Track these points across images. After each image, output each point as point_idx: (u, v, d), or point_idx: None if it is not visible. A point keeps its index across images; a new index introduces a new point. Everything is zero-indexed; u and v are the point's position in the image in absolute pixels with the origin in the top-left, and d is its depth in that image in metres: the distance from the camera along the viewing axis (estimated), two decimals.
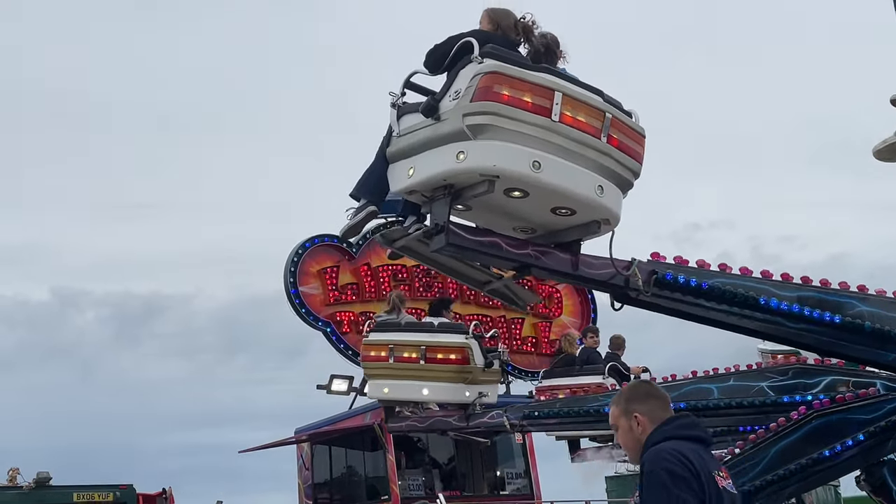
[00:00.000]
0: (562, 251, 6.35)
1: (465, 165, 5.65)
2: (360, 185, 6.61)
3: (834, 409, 6.95)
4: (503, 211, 6.14)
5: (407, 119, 6.12)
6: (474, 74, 5.70)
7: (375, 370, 11.18)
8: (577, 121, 5.81)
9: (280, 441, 19.64)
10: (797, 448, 6.95)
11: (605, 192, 6.00)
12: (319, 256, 18.30)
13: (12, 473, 20.28)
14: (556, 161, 5.74)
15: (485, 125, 5.62)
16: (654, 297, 6.57)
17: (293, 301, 17.96)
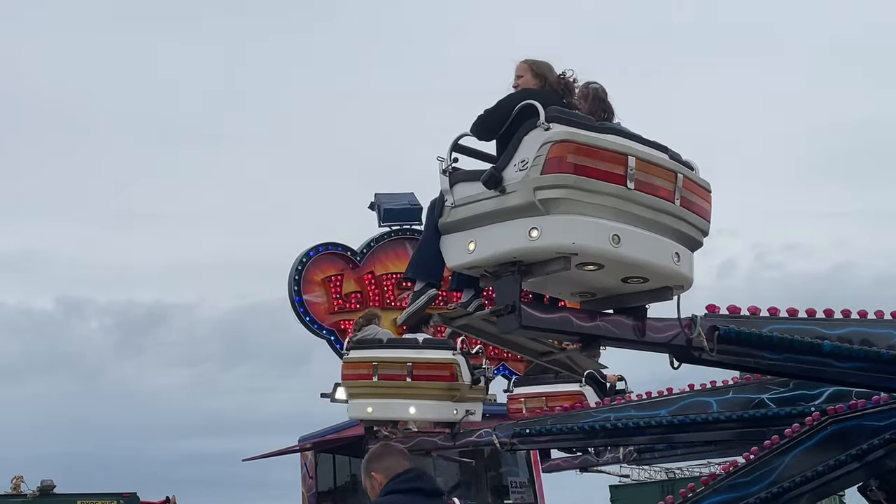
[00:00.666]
0: (627, 317, 5.91)
1: (539, 244, 5.18)
2: (416, 265, 6.09)
3: (848, 416, 6.81)
4: (566, 278, 5.56)
5: (463, 188, 5.55)
6: (543, 143, 5.19)
7: (358, 389, 10.64)
8: (651, 186, 5.40)
9: (284, 449, 19.42)
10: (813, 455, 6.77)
11: (681, 260, 5.64)
12: (323, 265, 18.15)
13: (16, 481, 20.19)
14: (633, 232, 5.33)
15: (559, 199, 5.14)
16: (718, 354, 6.09)
17: (297, 309, 17.79)
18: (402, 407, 10.40)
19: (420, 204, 19.57)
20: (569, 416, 9.97)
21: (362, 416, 10.78)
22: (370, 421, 10.88)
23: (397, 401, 10.36)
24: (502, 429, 10.29)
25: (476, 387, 10.52)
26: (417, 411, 10.44)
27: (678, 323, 5.96)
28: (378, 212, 19.32)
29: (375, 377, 10.40)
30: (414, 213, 19.43)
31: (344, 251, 18.59)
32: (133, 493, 20.39)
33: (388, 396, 10.38)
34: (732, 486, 7.02)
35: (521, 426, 10.15)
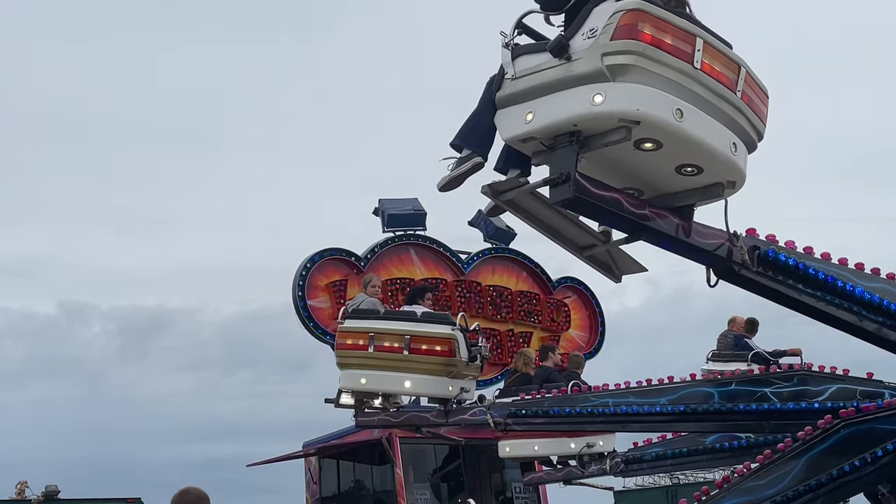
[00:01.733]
0: (674, 214, 5.77)
1: (602, 109, 5.06)
2: (464, 133, 5.87)
3: (860, 419, 6.76)
4: (616, 166, 5.49)
5: (525, 60, 5.45)
6: (614, 11, 5.10)
7: (352, 359, 10.32)
8: (715, 71, 5.31)
9: (288, 455, 19.36)
10: (826, 458, 6.71)
11: (737, 151, 5.51)
12: (328, 270, 18.05)
13: (21, 486, 20.14)
14: (695, 112, 5.23)
15: (627, 66, 5.05)
16: (756, 273, 6.06)
17: (301, 314, 17.67)
18: (398, 380, 10.10)
19: (424, 210, 19.57)
20: (566, 399, 9.88)
21: (355, 386, 10.43)
22: (362, 392, 10.51)
23: (393, 374, 10.06)
24: (497, 408, 10.09)
25: (472, 364, 10.26)
26: (413, 385, 10.17)
27: (722, 233, 5.89)
28: (382, 217, 19.29)
29: (371, 348, 10.13)
30: (418, 218, 19.41)
31: (348, 256, 18.53)
32: (137, 499, 20.31)
33: (383, 368, 10.09)
34: (748, 490, 6.94)
35: (517, 406, 9.91)
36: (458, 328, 10.16)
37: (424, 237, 19.45)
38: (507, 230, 20.45)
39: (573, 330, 20.57)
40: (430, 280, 18.99)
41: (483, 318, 19.44)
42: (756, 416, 8.71)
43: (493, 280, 19.99)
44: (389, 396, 10.41)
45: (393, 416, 10.75)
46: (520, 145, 5.53)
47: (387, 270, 18.77)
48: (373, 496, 17.70)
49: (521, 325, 19.82)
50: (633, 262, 6.44)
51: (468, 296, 19.38)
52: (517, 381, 12.37)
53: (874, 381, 8.42)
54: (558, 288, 20.73)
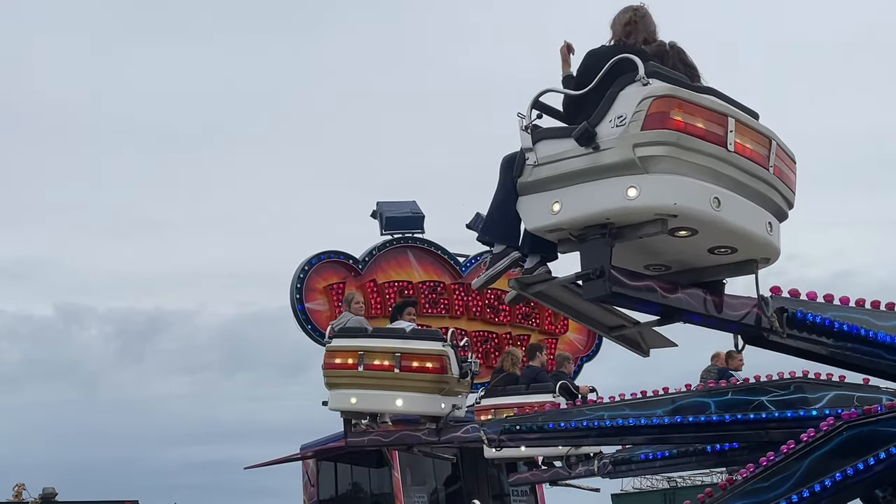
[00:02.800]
0: (705, 291, 5.62)
1: (637, 204, 4.87)
2: (491, 227, 5.67)
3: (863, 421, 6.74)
4: (643, 246, 5.24)
5: (548, 146, 5.23)
6: (644, 97, 4.91)
7: (341, 378, 10.16)
8: (748, 150, 5.15)
9: (286, 457, 19.20)
10: (829, 461, 6.60)
11: (773, 230, 5.41)
12: (325, 273, 17.91)
13: (18, 489, 20.11)
14: (732, 197, 5.07)
15: (661, 157, 4.86)
16: (787, 337, 5.89)
17: (299, 317, 17.50)
18: (389, 399, 9.93)
19: (422, 212, 19.51)
20: (561, 414, 9.66)
21: (345, 406, 10.27)
22: (352, 413, 10.35)
23: (384, 392, 9.89)
24: (490, 425, 9.89)
25: (463, 381, 10.12)
26: (404, 404, 9.97)
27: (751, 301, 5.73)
28: (380, 220, 19.23)
29: (361, 367, 9.94)
30: (416, 221, 19.35)
31: (346, 259, 18.46)
32: (135, 501, 20.31)
33: (374, 388, 9.92)
34: (752, 492, 6.84)
35: (511, 422, 9.74)
36: (448, 344, 10.02)
37: (422, 240, 19.36)
38: None
39: (571, 333, 20.48)
40: (427, 283, 18.99)
41: (481, 320, 19.40)
42: (753, 426, 8.59)
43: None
44: (377, 417, 10.21)
45: (383, 436, 10.59)
46: (546, 234, 5.31)
47: (384, 273, 18.71)
48: (370, 499, 17.63)
49: (519, 328, 19.75)
50: (663, 338, 6.29)
51: (466, 298, 19.36)
52: (504, 381, 12.28)
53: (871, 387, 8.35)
54: None
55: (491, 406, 11.51)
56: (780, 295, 6.05)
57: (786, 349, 6.25)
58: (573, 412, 9.57)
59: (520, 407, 10.75)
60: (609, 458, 11.71)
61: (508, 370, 12.63)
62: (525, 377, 12.27)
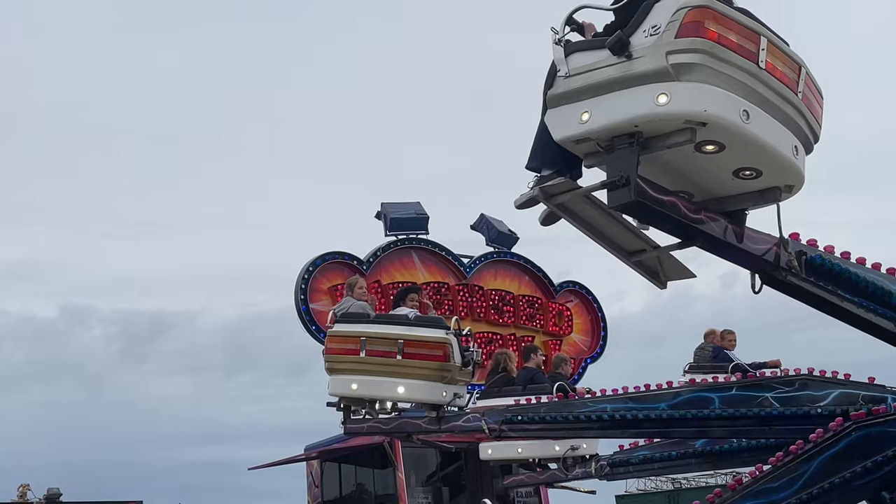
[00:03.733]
0: (727, 219, 5.57)
1: (667, 110, 4.86)
2: (538, 153, 5.63)
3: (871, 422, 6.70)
4: (668, 167, 5.22)
5: (579, 57, 5.22)
6: (679, 8, 4.92)
7: (342, 364, 9.98)
8: (778, 70, 5.14)
9: (290, 458, 19.13)
10: (838, 461, 6.62)
11: (798, 154, 5.35)
12: (330, 273, 17.88)
13: (23, 489, 20.12)
14: (760, 113, 5.05)
15: (693, 65, 4.86)
16: (803, 280, 5.87)
17: (303, 318, 17.51)
18: (391, 385, 9.76)
19: (426, 213, 19.53)
20: (563, 405, 9.57)
21: (345, 392, 10.07)
22: (351, 399, 10.16)
23: (385, 379, 9.73)
24: (492, 414, 9.75)
25: (465, 369, 9.96)
26: (406, 391, 9.78)
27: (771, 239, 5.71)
28: (384, 221, 19.24)
29: (363, 352, 9.79)
30: (420, 222, 19.35)
31: (350, 260, 18.48)
32: (139, 502, 20.34)
33: (375, 374, 9.76)
34: (761, 492, 6.82)
35: (513, 412, 9.60)
36: (451, 332, 9.88)
37: (427, 241, 19.37)
38: (510, 234, 20.40)
39: (575, 334, 20.49)
40: (432, 284, 18.98)
41: (485, 322, 19.38)
42: (757, 422, 8.51)
43: (496, 284, 19.90)
44: (376, 405, 10.08)
45: (383, 424, 10.45)
46: (573, 146, 5.28)
47: (389, 274, 18.72)
48: (374, 499, 17.61)
49: (524, 330, 19.74)
50: (682, 267, 6.21)
51: (470, 300, 19.36)
52: (500, 382, 12.19)
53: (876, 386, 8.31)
54: (560, 292, 20.64)
55: (487, 408, 11.17)
56: (799, 241, 6.01)
57: (801, 294, 6.18)
58: (576, 404, 9.47)
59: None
60: (606, 459, 11.63)
61: (504, 370, 12.52)
62: (521, 378, 12.17)
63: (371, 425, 10.49)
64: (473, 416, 9.84)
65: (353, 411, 10.24)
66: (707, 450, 10.65)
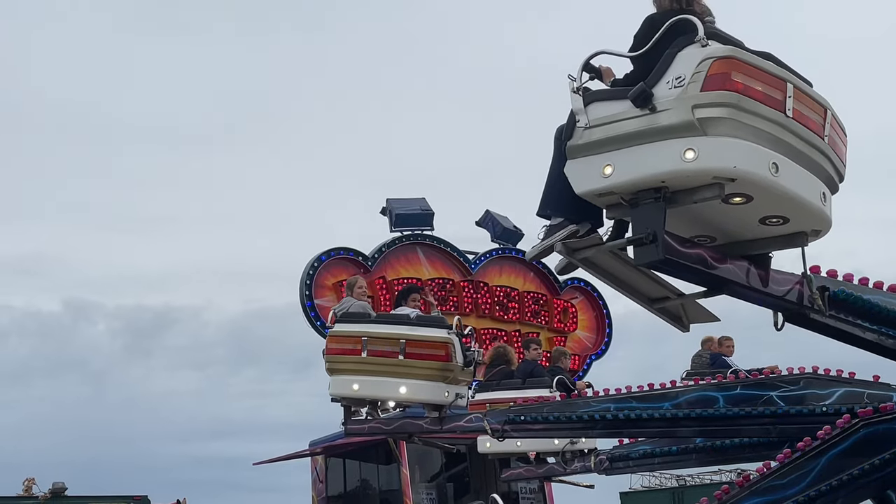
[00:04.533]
0: (751, 264, 5.48)
1: (695, 166, 4.72)
2: (551, 201, 5.52)
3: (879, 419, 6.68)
4: (691, 214, 5.08)
5: (599, 108, 5.08)
6: (703, 58, 4.77)
7: (343, 364, 9.86)
8: (805, 117, 5.02)
9: (294, 454, 19.15)
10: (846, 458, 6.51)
11: (826, 200, 5.25)
12: (335, 269, 17.90)
13: (28, 483, 20.12)
14: (789, 164, 4.93)
15: (720, 119, 4.72)
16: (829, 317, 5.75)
17: (308, 313, 17.56)
18: (393, 386, 9.65)
19: (431, 209, 19.51)
20: (566, 405, 9.44)
21: (347, 393, 9.96)
22: (352, 399, 10.06)
23: (387, 379, 9.62)
24: (494, 414, 9.62)
25: (466, 369, 9.88)
26: (408, 391, 9.69)
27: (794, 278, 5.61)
28: (390, 217, 19.24)
29: (364, 353, 9.68)
30: (425, 218, 19.34)
31: (355, 256, 18.48)
32: (144, 496, 20.28)
33: (377, 374, 9.65)
34: (769, 489, 6.74)
35: (515, 412, 9.49)
36: (453, 332, 9.79)
37: (432, 237, 19.37)
38: (515, 230, 20.39)
39: (580, 331, 20.48)
40: (437, 280, 18.98)
41: (490, 318, 19.38)
42: (762, 421, 8.39)
43: (501, 280, 19.89)
44: (378, 405, 9.98)
45: (384, 424, 10.35)
46: (595, 199, 5.14)
47: (394, 270, 18.72)
48: (379, 495, 17.62)
49: (528, 326, 19.73)
50: (706, 312, 6.10)
51: (475, 296, 19.36)
52: (498, 376, 12.09)
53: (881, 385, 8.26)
54: (566, 289, 20.63)
55: (486, 401, 11.19)
56: (820, 274, 5.93)
57: (826, 329, 6.09)
58: (579, 403, 9.34)
59: (515, 401, 10.39)
60: (606, 454, 11.52)
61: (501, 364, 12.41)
62: (521, 371, 12.08)
63: (372, 426, 10.40)
64: (476, 417, 9.73)
65: (355, 412, 10.18)
66: (707, 445, 10.59)
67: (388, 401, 9.99)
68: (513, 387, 11.57)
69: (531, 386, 11.33)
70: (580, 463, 11.84)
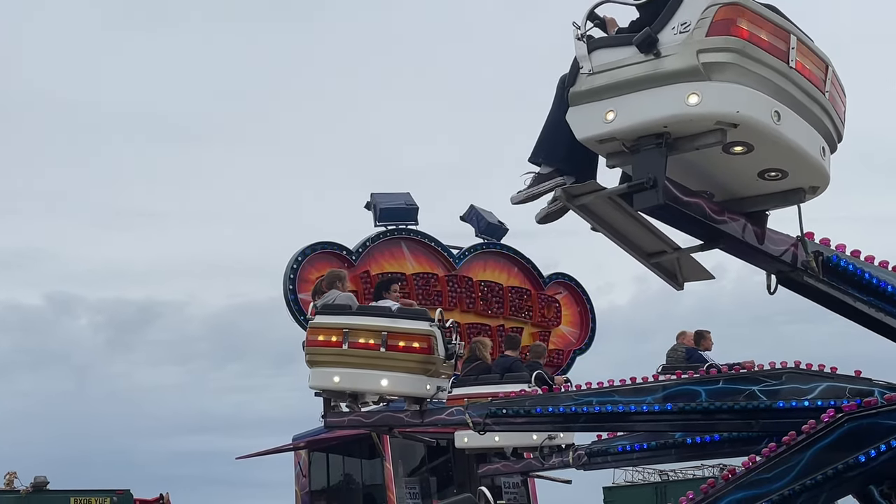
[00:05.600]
0: (748, 220, 5.45)
1: (699, 110, 4.72)
2: (544, 148, 5.47)
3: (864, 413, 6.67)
4: (690, 165, 5.05)
5: (603, 54, 5.04)
6: (709, 4, 4.77)
7: (324, 356, 9.74)
8: (807, 70, 5.02)
9: (278, 448, 19.09)
10: (831, 452, 6.56)
11: (825, 155, 5.25)
12: (319, 264, 17.73)
13: (9, 477, 20.00)
14: (791, 114, 4.94)
15: (725, 64, 4.72)
16: (820, 280, 5.75)
17: (292, 308, 17.45)
18: (374, 378, 9.53)
19: (416, 204, 19.47)
20: (549, 398, 9.39)
21: (327, 385, 9.85)
22: (333, 392, 9.94)
23: (369, 371, 9.51)
24: (475, 408, 9.46)
25: (448, 362, 9.79)
26: (390, 384, 9.58)
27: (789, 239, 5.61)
28: (374, 211, 19.21)
29: (345, 345, 9.55)
30: (410, 212, 19.31)
31: (339, 250, 18.45)
32: (126, 491, 20.23)
33: (358, 366, 9.54)
34: (754, 483, 6.67)
35: (497, 406, 9.38)
36: (435, 324, 9.70)
37: (416, 231, 19.33)
38: (499, 225, 20.39)
39: (564, 326, 20.48)
40: (421, 275, 18.98)
41: (474, 313, 19.37)
42: (744, 415, 8.36)
43: (485, 275, 19.88)
44: (358, 398, 9.86)
45: (364, 417, 10.23)
46: (595, 146, 5.10)
47: (378, 265, 18.68)
48: (362, 490, 17.60)
49: (513, 321, 19.74)
50: (701, 269, 6.05)
51: (459, 291, 19.36)
52: (476, 370, 12.01)
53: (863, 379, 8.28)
54: (549, 284, 20.63)
55: (463, 395, 10.93)
56: (813, 241, 5.91)
57: (818, 296, 6.09)
58: (561, 397, 9.30)
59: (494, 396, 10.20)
60: (584, 449, 11.44)
61: (482, 357, 12.33)
62: (499, 366, 11.99)
63: (352, 419, 10.25)
64: (457, 410, 9.58)
65: (334, 405, 10.07)
66: (687, 441, 10.60)
67: (370, 393, 9.87)
68: (491, 381, 11.51)
69: (509, 381, 11.26)
70: (558, 458, 11.80)
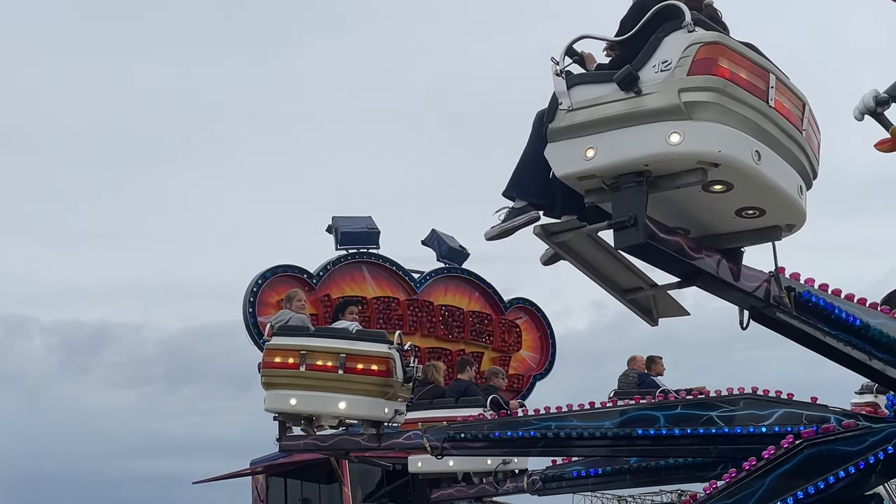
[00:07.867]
0: (725, 258, 5.45)
1: (680, 149, 4.70)
2: (519, 182, 5.47)
3: (822, 440, 6.68)
4: (666, 202, 5.04)
5: (583, 90, 5.04)
6: (690, 44, 4.78)
7: (280, 379, 9.62)
8: (785, 109, 5.05)
9: (235, 472, 18.95)
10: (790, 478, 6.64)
11: (803, 194, 5.27)
12: (279, 287, 17.63)
13: None
14: (770, 153, 4.94)
15: (706, 103, 4.72)
16: (792, 316, 5.78)
17: (252, 331, 17.26)
18: (332, 401, 9.41)
19: (377, 228, 19.47)
20: (507, 423, 9.39)
21: (284, 408, 9.72)
22: (289, 415, 9.81)
23: (326, 394, 9.40)
24: (433, 432, 9.42)
25: (406, 385, 9.71)
26: (347, 407, 9.46)
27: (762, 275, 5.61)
28: (335, 235, 19.17)
29: (303, 367, 9.45)
30: (371, 236, 19.28)
31: (300, 274, 18.38)
32: None
33: (316, 389, 9.43)
34: None
35: (455, 430, 9.34)
36: (394, 346, 9.63)
37: (377, 255, 19.28)
38: (461, 250, 20.40)
39: (524, 350, 20.47)
40: (382, 298, 18.93)
41: (435, 337, 19.32)
42: (702, 441, 8.44)
43: (446, 300, 19.85)
44: (313, 421, 9.73)
45: (320, 441, 10.09)
46: (574, 182, 5.06)
47: (339, 288, 18.59)
48: None
49: (473, 346, 19.72)
50: (677, 305, 6.05)
51: (420, 315, 19.32)
52: (429, 394, 11.89)
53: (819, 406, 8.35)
54: (510, 309, 20.64)
55: (417, 419, 10.72)
56: (785, 276, 5.94)
57: (790, 331, 6.11)
58: (520, 421, 9.26)
59: (450, 420, 10.15)
60: (539, 474, 11.37)
61: (433, 382, 12.18)
62: (453, 390, 11.90)
63: (308, 442, 10.09)
64: (415, 434, 9.49)
65: (289, 428, 9.91)
66: (643, 466, 10.61)
67: (327, 416, 9.74)
68: (445, 405, 11.43)
69: (464, 405, 11.17)
70: (512, 483, 11.65)
